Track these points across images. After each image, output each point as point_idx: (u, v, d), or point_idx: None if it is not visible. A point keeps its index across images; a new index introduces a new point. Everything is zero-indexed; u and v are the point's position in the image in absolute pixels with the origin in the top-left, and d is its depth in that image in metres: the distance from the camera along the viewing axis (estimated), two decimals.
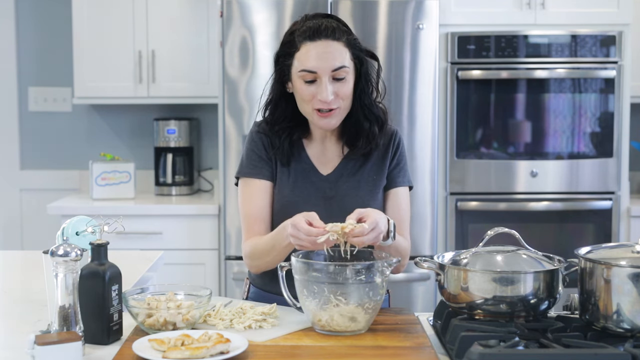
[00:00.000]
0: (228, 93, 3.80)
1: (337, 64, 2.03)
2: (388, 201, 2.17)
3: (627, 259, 1.70)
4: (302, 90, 2.06)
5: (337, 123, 2.10)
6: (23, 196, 4.60)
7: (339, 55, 2.03)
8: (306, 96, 2.05)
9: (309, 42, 2.03)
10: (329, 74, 2.02)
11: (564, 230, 3.99)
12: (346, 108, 2.09)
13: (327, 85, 2.02)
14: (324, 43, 2.03)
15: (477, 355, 1.52)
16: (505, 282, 1.76)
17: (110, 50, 4.20)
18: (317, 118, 2.07)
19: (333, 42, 2.03)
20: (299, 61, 2.04)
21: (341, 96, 2.05)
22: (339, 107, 2.06)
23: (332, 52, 2.03)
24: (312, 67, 2.02)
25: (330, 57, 2.02)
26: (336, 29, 2.05)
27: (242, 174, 2.17)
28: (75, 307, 1.68)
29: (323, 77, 2.02)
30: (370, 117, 2.12)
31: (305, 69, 2.03)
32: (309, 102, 2.06)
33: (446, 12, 3.90)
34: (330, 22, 2.06)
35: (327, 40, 2.03)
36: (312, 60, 2.02)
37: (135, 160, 4.39)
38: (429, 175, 3.79)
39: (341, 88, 2.04)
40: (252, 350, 1.68)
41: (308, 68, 2.03)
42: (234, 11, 3.76)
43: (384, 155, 2.17)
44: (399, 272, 2.13)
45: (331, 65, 2.02)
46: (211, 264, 4.01)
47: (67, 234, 1.88)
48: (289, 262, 1.85)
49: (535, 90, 3.96)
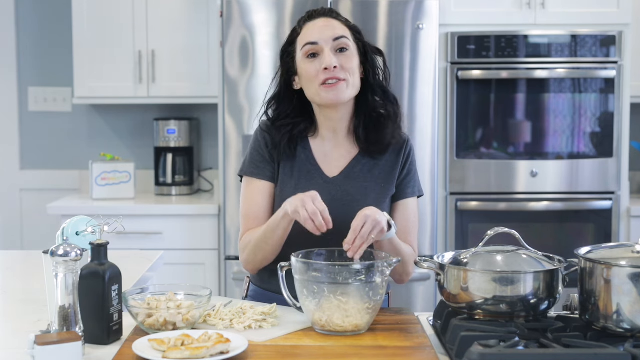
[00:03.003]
0: (228, 93, 3.80)
1: (338, 33, 2.07)
2: (397, 212, 2.15)
3: (627, 259, 1.70)
4: (307, 69, 2.06)
5: (346, 97, 2.06)
6: (23, 196, 4.60)
7: (339, 28, 2.09)
8: (311, 72, 2.05)
9: (308, 22, 2.11)
10: (330, 43, 2.05)
11: (564, 230, 3.99)
12: (354, 85, 2.07)
13: (329, 53, 2.04)
14: (323, 19, 2.10)
15: (477, 355, 1.52)
16: (505, 282, 1.76)
17: (110, 50, 4.20)
18: (325, 92, 2.04)
19: (332, 19, 2.10)
20: (301, 39, 2.09)
21: (346, 68, 2.05)
22: (345, 80, 2.05)
23: (332, 25, 2.08)
24: (313, 39, 2.06)
25: (330, 28, 2.07)
26: (335, 11, 2.12)
27: (244, 173, 2.17)
28: (75, 307, 1.68)
29: (325, 47, 2.05)
30: (385, 98, 2.12)
31: (307, 42, 2.06)
32: (314, 79, 2.05)
33: (446, 12, 3.90)
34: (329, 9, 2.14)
35: (326, 18, 2.10)
36: (312, 34, 2.07)
37: (135, 160, 4.39)
38: (429, 175, 3.79)
39: (345, 60, 2.05)
40: (252, 350, 1.68)
41: (309, 40, 2.06)
42: (234, 11, 3.76)
43: (395, 163, 2.15)
44: (404, 282, 2.13)
45: (332, 35, 2.06)
46: (211, 264, 4.01)
47: (67, 234, 1.88)
48: (289, 262, 1.85)
49: (535, 90, 3.96)
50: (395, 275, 2.11)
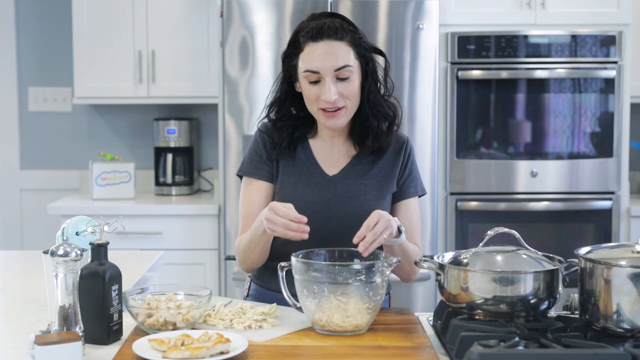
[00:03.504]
0: (228, 93, 3.80)
1: (339, 63, 2.03)
2: (399, 212, 2.16)
3: (627, 259, 1.70)
4: (307, 91, 2.06)
5: (344, 123, 2.09)
6: (23, 196, 4.60)
7: (342, 55, 2.03)
8: (311, 96, 2.06)
9: (312, 42, 2.04)
10: (331, 73, 2.02)
11: (564, 230, 3.99)
12: (353, 107, 2.08)
13: (330, 86, 2.02)
14: (327, 43, 2.03)
15: (477, 355, 1.52)
16: (505, 282, 1.76)
17: (110, 50, 4.20)
18: (324, 118, 2.07)
19: (336, 42, 2.03)
20: (303, 62, 2.05)
21: (346, 95, 2.05)
22: (345, 107, 2.06)
23: (335, 52, 2.03)
24: (314, 68, 2.03)
25: (333, 57, 2.02)
26: (339, 29, 2.04)
27: (243, 173, 2.18)
28: (75, 307, 1.68)
29: (326, 77, 2.02)
30: (378, 115, 2.11)
31: (308, 69, 2.04)
32: (314, 102, 2.06)
33: (446, 12, 3.90)
34: (333, 22, 2.06)
35: (330, 41, 2.03)
36: (314, 61, 2.03)
37: (135, 160, 4.39)
38: (429, 175, 3.79)
39: (345, 88, 2.04)
40: (252, 350, 1.68)
41: (311, 69, 2.03)
42: (234, 11, 3.76)
43: (394, 163, 2.16)
44: (411, 280, 2.15)
45: (333, 65, 2.02)
46: (211, 264, 4.01)
47: (67, 234, 1.88)
48: (289, 262, 1.85)
49: (535, 90, 3.96)
50: (403, 274, 2.13)
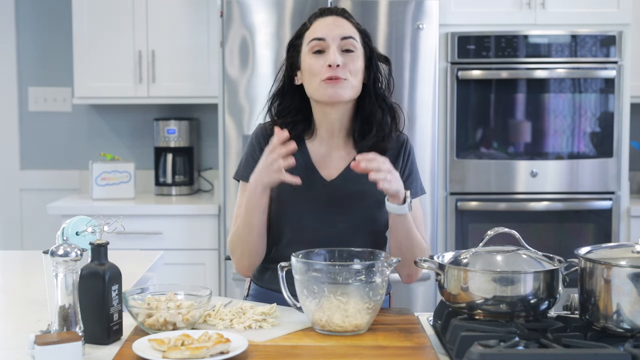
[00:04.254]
0: (228, 93, 3.80)
1: (346, 32, 2.06)
2: None
3: (627, 259, 1.70)
4: (311, 64, 2.05)
5: (345, 96, 2.05)
6: (23, 196, 4.60)
7: (348, 28, 2.08)
8: (315, 68, 2.04)
9: (319, 18, 2.10)
10: (337, 41, 2.05)
11: (564, 230, 3.99)
12: (355, 87, 2.06)
13: (335, 51, 2.04)
14: (334, 18, 2.09)
15: (477, 355, 1.52)
16: (505, 282, 1.76)
17: (110, 50, 4.20)
18: (325, 87, 2.03)
19: (342, 19, 2.09)
20: (309, 34, 2.08)
21: (349, 69, 2.04)
22: (347, 79, 2.04)
23: (342, 24, 2.08)
24: (321, 35, 2.05)
25: (340, 27, 2.07)
26: (347, 12, 2.12)
27: (239, 177, 2.17)
28: (75, 307, 1.68)
29: (332, 44, 2.04)
30: (384, 106, 2.11)
31: (314, 37, 2.06)
32: (317, 75, 2.04)
33: (446, 12, 3.90)
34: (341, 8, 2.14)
35: (337, 16, 2.09)
36: (321, 30, 2.07)
37: (135, 160, 4.39)
38: (429, 175, 3.79)
39: (349, 61, 2.05)
40: (252, 350, 1.68)
41: (317, 36, 2.06)
42: (234, 11, 3.76)
43: (394, 164, 2.11)
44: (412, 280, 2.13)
45: (340, 33, 2.05)
46: (211, 264, 4.01)
47: (67, 234, 1.88)
48: (289, 262, 1.85)
49: (535, 90, 3.96)
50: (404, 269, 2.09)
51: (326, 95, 2.04)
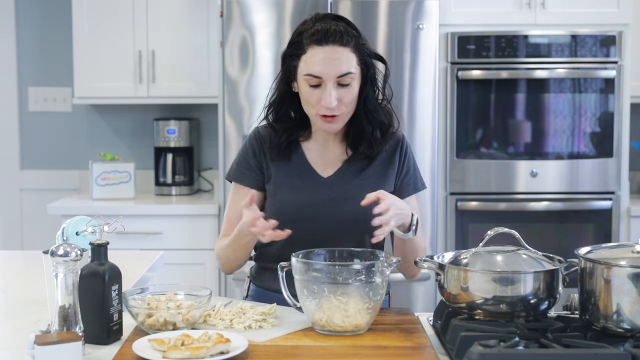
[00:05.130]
0: (228, 93, 3.80)
1: (343, 70, 2.01)
2: None
3: (627, 259, 1.70)
4: (307, 94, 2.05)
5: (340, 127, 2.09)
6: (23, 196, 4.60)
7: (345, 61, 2.02)
8: (311, 100, 2.05)
9: (316, 46, 2.02)
10: (334, 79, 2.01)
11: (564, 230, 3.99)
12: (350, 112, 2.08)
13: (332, 92, 2.01)
14: (331, 49, 2.01)
15: (477, 355, 1.52)
16: (505, 282, 1.76)
17: (110, 50, 4.20)
18: (321, 122, 2.07)
19: (340, 48, 2.01)
20: (305, 64, 2.03)
21: (345, 102, 2.04)
22: (342, 114, 2.06)
23: (339, 58, 2.01)
24: (317, 72, 2.01)
25: (337, 63, 2.01)
26: (344, 34, 2.02)
27: (231, 178, 2.19)
28: (75, 307, 1.68)
29: (328, 82, 2.01)
30: (374, 122, 2.11)
31: (310, 73, 2.02)
32: (313, 106, 2.05)
33: (446, 12, 3.90)
34: (338, 26, 2.04)
35: (334, 46, 2.01)
36: (317, 65, 2.01)
37: (135, 160, 4.39)
38: (429, 175, 3.79)
39: (345, 94, 2.03)
40: (252, 350, 1.68)
41: (313, 73, 2.01)
42: (234, 11, 3.76)
43: (390, 162, 2.15)
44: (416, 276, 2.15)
45: (337, 72, 2.01)
46: (211, 264, 4.01)
47: (67, 234, 1.88)
48: (289, 262, 1.85)
49: (535, 90, 3.96)
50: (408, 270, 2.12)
51: (322, 129, 2.10)
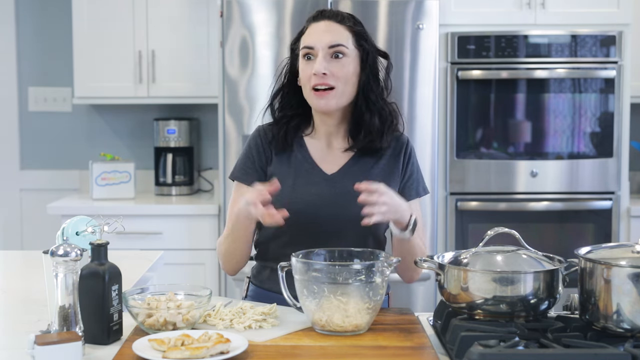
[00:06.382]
0: (228, 93, 3.80)
1: (334, 40, 2.06)
2: None
3: (627, 259, 1.70)
4: (302, 70, 2.09)
5: (334, 105, 2.07)
6: (23, 196, 4.60)
7: (338, 34, 2.08)
8: (305, 75, 2.08)
9: (313, 22, 2.11)
10: (325, 49, 2.06)
11: (564, 230, 3.99)
12: (345, 93, 2.08)
13: (321, 60, 2.05)
14: (326, 23, 2.10)
15: (477, 355, 1.52)
16: (505, 282, 1.76)
17: (110, 50, 4.20)
18: (314, 97, 2.07)
19: (335, 24, 2.09)
20: (303, 39, 2.11)
21: (337, 75, 2.05)
22: (335, 88, 2.05)
23: (332, 31, 2.08)
24: (310, 43, 2.08)
25: (329, 35, 2.07)
26: (341, 14, 2.12)
27: (234, 177, 2.20)
28: (75, 307, 1.68)
29: (320, 52, 2.06)
30: (373, 110, 2.11)
31: (305, 45, 2.09)
32: (307, 82, 2.07)
33: (446, 12, 3.90)
34: (338, 10, 2.14)
35: (329, 21, 2.10)
36: (311, 37, 2.08)
37: (135, 160, 4.39)
38: (429, 175, 3.79)
39: (338, 67, 2.06)
40: (252, 350, 1.68)
41: (307, 44, 2.08)
42: (234, 11, 3.76)
43: (395, 163, 2.15)
44: (413, 280, 2.15)
45: (329, 41, 2.06)
46: (211, 264, 4.01)
47: (67, 234, 1.88)
48: (289, 262, 1.85)
49: (535, 90, 3.96)
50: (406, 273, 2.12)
51: (315, 106, 2.10)
